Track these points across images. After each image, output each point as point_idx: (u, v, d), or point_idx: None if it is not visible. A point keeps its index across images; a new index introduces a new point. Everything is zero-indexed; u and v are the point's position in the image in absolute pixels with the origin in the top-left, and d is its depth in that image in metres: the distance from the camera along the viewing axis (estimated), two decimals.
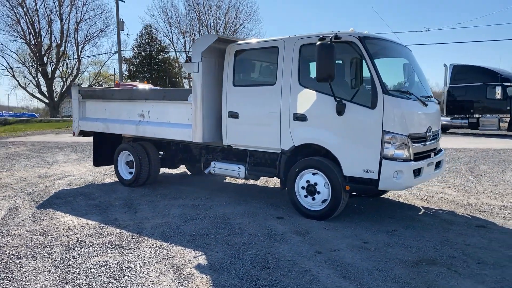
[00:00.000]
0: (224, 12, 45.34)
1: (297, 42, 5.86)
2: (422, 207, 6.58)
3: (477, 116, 21.66)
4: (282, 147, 6.07)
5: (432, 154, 6.21)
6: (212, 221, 5.81)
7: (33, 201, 7.00)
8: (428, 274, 4.03)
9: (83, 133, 8.96)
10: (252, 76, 6.78)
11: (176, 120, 7.13)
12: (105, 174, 9.52)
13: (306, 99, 5.75)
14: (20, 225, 5.64)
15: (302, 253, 4.60)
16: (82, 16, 45.37)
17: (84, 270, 4.13)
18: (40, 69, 45.47)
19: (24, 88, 47.48)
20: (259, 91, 6.29)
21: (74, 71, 47.40)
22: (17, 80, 46.57)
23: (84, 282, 3.86)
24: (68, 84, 45.95)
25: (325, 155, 5.74)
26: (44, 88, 46.58)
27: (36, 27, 44.42)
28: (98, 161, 8.91)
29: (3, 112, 74.56)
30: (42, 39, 45.17)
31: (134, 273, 4.07)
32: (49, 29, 44.95)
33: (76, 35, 45.81)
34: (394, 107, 5.20)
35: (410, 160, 5.37)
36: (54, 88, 47.77)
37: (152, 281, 3.89)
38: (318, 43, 5.17)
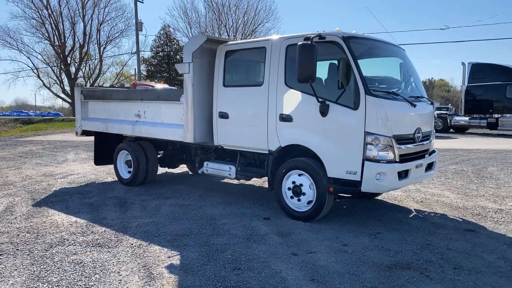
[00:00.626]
0: (243, 12, 45.34)
1: (284, 42, 5.83)
2: (414, 209, 6.45)
3: (496, 116, 21.12)
4: (269, 148, 6.05)
5: (427, 155, 6.11)
6: (198, 221, 5.84)
7: (31, 199, 7.19)
8: (398, 278, 3.95)
9: (86, 133, 9.14)
10: (241, 77, 6.78)
11: (169, 120, 7.20)
12: (108, 173, 9.68)
13: (292, 99, 5.72)
14: (11, 222, 5.80)
15: (277, 254, 4.58)
16: (104, 17, 46.29)
17: (58, 268, 4.22)
18: (63, 70, 46.59)
19: (49, 88, 48.78)
20: (248, 92, 6.28)
21: (96, 71, 48.38)
22: (42, 81, 47.88)
23: (54, 280, 3.95)
24: (90, 84, 47.00)
25: (313, 156, 5.70)
26: (67, 88, 47.70)
27: (60, 28, 45.56)
28: (99, 160, 9.08)
29: (30, 111, 76.81)
30: (66, 40, 46.27)
31: (105, 271, 4.13)
32: (72, 31, 46.00)
33: (98, 36, 46.74)
34: (377, 108, 5.11)
35: (395, 162, 5.27)
36: None
37: (120, 280, 3.95)
38: (299, 43, 5.13)
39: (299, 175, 5.75)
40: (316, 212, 5.63)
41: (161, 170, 9.78)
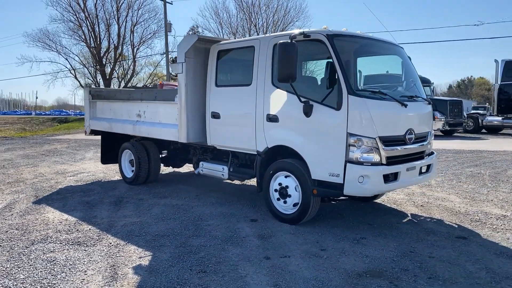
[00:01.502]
0: (273, 11, 45.24)
1: (271, 41, 5.72)
2: (410, 214, 6.18)
3: None
4: (257, 149, 5.96)
5: (427, 157, 5.86)
6: (184, 221, 5.82)
7: (34, 196, 7.40)
8: (365, 287, 3.77)
9: (94, 132, 9.32)
10: (232, 77, 6.70)
11: (166, 120, 7.24)
12: (117, 172, 9.80)
13: (278, 99, 5.60)
14: (6, 219, 5.98)
15: (250, 258, 4.48)
16: (138, 19, 47.27)
17: (31, 266, 4.30)
18: (99, 70, 48.04)
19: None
20: (237, 92, 6.21)
21: (130, 72, 49.56)
22: (79, 81, 49.46)
23: (22, 277, 4.02)
24: (124, 84, 48.24)
25: (300, 158, 5.55)
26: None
27: (96, 30, 46.99)
28: (105, 159, 9.25)
29: (70, 110, 79.63)
30: (101, 41, 47.64)
31: (73, 270, 4.17)
32: (107, 32, 47.32)
33: (131, 37, 47.85)
34: (360, 108, 4.91)
35: (381, 164, 5.05)
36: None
37: (84, 279, 3.97)
38: (279, 42, 5.01)
39: (286, 176, 5.63)
40: (301, 215, 5.49)
41: (169, 169, 9.90)
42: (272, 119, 5.67)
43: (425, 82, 21.36)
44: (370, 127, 4.94)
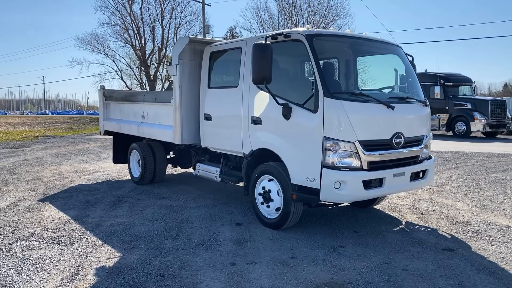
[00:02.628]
0: (314, 10, 44.72)
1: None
2: (405, 222, 5.85)
3: None
4: (244, 151, 5.87)
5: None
6: (169, 223, 5.83)
7: (42, 194, 7.70)
8: None
9: (108, 133, 9.58)
10: (222, 78, 6.65)
11: (165, 122, 7.30)
12: None
13: (261, 102, 5.48)
14: (5, 216, 6.25)
15: (215, 263, 4.41)
16: (181, 21, 48.41)
17: (4, 262, 4.45)
18: (144, 72, 49.61)
19: (130, 89, 52.02)
20: (226, 93, 6.16)
21: None
22: (125, 82, 51.28)
23: None
24: (168, 85, 49.53)
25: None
26: (147, 89, 50.61)
27: (141, 33, 48.55)
28: (117, 159, 9.48)
29: None
30: (146, 44, 49.17)
31: (38, 269, 4.27)
32: (152, 35, 48.76)
33: (175, 39, 48.96)
34: (337, 111, 4.69)
35: (362, 170, 4.80)
36: (157, 89, 51.73)
37: (44, 278, 4.05)
38: (254, 42, 4.90)
39: (269, 180, 5.51)
40: (283, 220, 5.33)
41: (183, 169, 9.96)
42: (256, 121, 5.56)
43: (466, 81, 20.35)
44: (348, 131, 4.71)
